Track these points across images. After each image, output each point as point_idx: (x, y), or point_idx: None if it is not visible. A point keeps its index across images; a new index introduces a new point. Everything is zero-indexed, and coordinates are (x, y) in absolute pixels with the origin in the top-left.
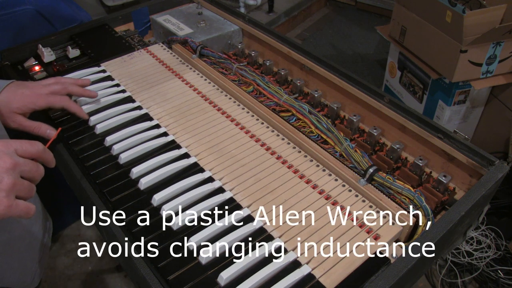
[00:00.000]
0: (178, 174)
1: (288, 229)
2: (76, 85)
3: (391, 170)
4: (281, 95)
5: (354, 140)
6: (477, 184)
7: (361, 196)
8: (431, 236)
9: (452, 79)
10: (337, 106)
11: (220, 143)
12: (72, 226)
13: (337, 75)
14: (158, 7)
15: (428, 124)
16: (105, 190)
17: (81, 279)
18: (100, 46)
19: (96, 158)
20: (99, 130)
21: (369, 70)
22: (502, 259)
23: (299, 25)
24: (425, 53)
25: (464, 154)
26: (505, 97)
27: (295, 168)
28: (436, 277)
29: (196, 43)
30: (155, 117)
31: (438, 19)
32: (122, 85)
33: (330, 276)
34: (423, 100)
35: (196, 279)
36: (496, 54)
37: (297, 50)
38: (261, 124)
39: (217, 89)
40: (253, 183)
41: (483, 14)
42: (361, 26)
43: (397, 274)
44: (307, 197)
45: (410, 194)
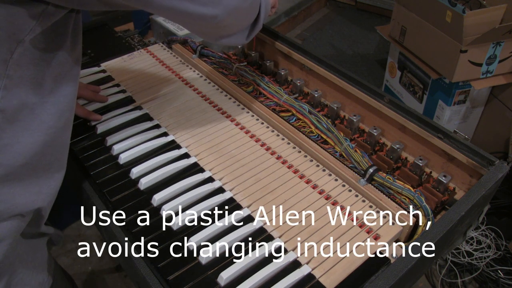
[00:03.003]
0: (178, 174)
1: (288, 229)
2: (88, 89)
3: (391, 170)
4: (281, 95)
5: (354, 140)
6: (477, 184)
7: (361, 196)
8: (431, 236)
9: (452, 79)
10: (337, 106)
11: (220, 143)
12: (72, 226)
13: (337, 75)
14: None
15: (428, 124)
16: (105, 190)
17: (81, 279)
18: (100, 46)
19: (96, 158)
20: (99, 130)
21: (369, 70)
22: (502, 259)
23: (299, 25)
24: (425, 53)
25: (464, 154)
26: (505, 97)
27: (295, 168)
28: (436, 277)
29: (196, 43)
30: (155, 117)
31: (438, 19)
32: (122, 85)
33: (330, 276)
34: (423, 100)
35: (196, 279)
36: (496, 54)
37: (297, 50)
38: (261, 124)
39: (217, 89)
40: (253, 183)
41: (483, 14)
42: (361, 26)
43: (397, 274)
44: (307, 197)
45: (410, 194)
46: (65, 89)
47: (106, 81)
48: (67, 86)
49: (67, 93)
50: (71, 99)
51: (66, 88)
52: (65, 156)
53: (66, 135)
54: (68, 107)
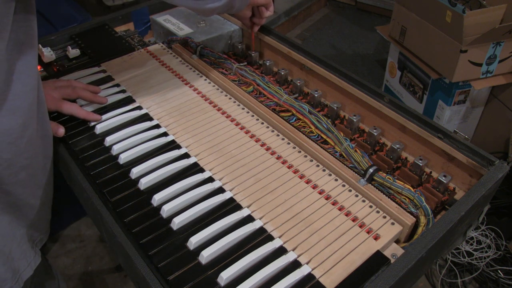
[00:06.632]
0: (178, 174)
1: (288, 229)
2: (87, 90)
3: (391, 170)
4: (281, 95)
5: (354, 140)
6: (477, 184)
7: (361, 196)
8: (431, 236)
9: (452, 79)
10: (337, 106)
11: (220, 143)
12: (72, 226)
13: (337, 75)
14: (158, 7)
15: (428, 124)
16: (105, 190)
17: (81, 279)
18: (100, 46)
19: (96, 158)
20: (99, 130)
21: (369, 70)
22: (502, 259)
23: (299, 25)
24: (425, 53)
25: (464, 154)
26: (505, 97)
27: (295, 168)
28: (436, 277)
29: (196, 43)
30: (155, 117)
31: (438, 19)
32: (122, 85)
33: (330, 276)
34: (423, 100)
35: (196, 279)
36: (496, 54)
37: (297, 50)
38: (261, 124)
39: (217, 89)
40: (253, 183)
41: (483, 14)
42: (361, 26)
43: (397, 274)
44: (307, 197)
45: (410, 194)
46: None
47: (106, 81)
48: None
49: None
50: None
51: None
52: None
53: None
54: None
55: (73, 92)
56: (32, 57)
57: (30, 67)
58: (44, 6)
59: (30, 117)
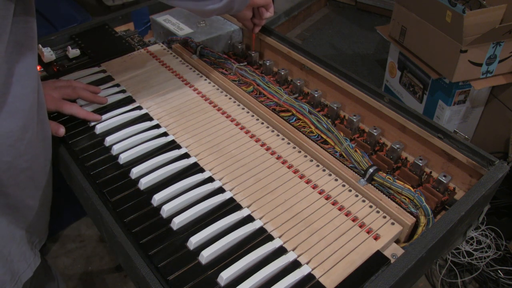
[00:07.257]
0: (178, 174)
1: (288, 229)
2: (87, 90)
3: (391, 170)
4: (281, 95)
5: (354, 140)
6: (477, 184)
7: (361, 196)
8: (431, 236)
9: (452, 79)
10: (337, 106)
11: (220, 143)
12: (72, 226)
13: (337, 75)
14: (158, 7)
15: (428, 124)
16: (105, 190)
17: (81, 279)
18: (100, 46)
19: (96, 158)
20: (99, 130)
21: (369, 70)
22: (502, 259)
23: (299, 25)
24: (425, 53)
25: (464, 154)
26: (505, 97)
27: (295, 168)
28: (436, 277)
29: (196, 43)
30: (155, 117)
31: (438, 19)
32: (122, 85)
33: (330, 276)
34: (423, 100)
35: (196, 279)
36: (496, 54)
37: (297, 50)
38: (261, 124)
39: (217, 89)
40: (253, 183)
41: (483, 14)
42: (361, 26)
43: (397, 274)
44: (307, 197)
45: (410, 194)
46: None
47: (106, 81)
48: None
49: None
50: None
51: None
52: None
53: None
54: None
55: (73, 92)
56: (32, 59)
57: (30, 69)
58: (44, 6)
59: (30, 119)
